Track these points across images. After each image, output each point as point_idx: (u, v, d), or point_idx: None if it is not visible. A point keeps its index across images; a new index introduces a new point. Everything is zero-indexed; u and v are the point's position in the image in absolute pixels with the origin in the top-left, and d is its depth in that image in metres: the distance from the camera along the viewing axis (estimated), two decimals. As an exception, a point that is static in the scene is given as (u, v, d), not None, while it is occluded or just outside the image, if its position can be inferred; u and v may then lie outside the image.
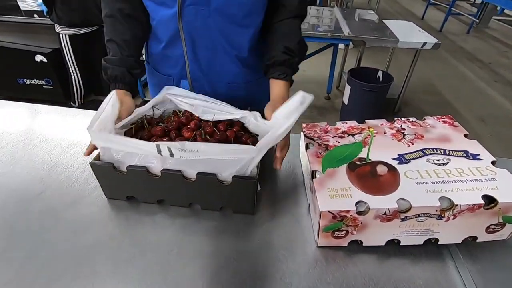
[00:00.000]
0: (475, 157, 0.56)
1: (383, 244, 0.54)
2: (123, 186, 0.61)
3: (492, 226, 0.51)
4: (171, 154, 0.52)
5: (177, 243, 0.56)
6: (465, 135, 0.62)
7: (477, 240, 0.53)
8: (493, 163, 0.55)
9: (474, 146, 0.59)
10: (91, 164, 0.58)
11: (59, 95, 2.49)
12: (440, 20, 4.92)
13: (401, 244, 0.54)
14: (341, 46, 2.57)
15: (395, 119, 0.69)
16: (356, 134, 0.65)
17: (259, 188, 0.65)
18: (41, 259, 0.53)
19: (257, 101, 0.73)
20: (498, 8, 4.86)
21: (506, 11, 4.62)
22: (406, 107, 2.66)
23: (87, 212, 0.61)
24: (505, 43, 4.42)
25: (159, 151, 0.52)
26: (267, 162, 0.60)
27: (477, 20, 4.75)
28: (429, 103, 2.77)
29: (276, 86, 0.69)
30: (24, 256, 0.53)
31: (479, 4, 5.12)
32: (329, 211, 0.49)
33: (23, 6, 2.26)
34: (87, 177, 0.69)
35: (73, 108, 0.96)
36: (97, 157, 0.59)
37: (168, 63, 0.78)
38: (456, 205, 0.47)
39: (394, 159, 0.57)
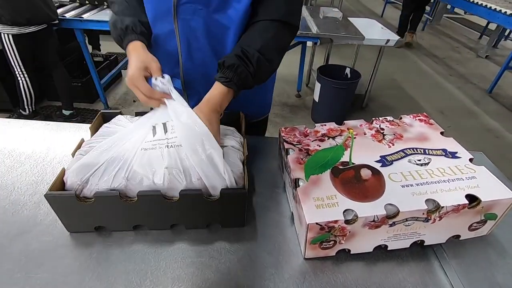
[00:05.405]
0: (453, 155, 0.56)
1: (371, 250, 0.52)
2: (90, 216, 0.52)
3: (475, 224, 0.51)
4: (165, 129, 0.56)
5: (152, 272, 0.49)
6: (441, 133, 0.62)
7: (460, 238, 0.54)
8: (471, 160, 0.55)
9: (451, 144, 0.59)
10: (46, 196, 0.48)
11: (5, 102, 2.23)
12: (397, 18, 5.16)
13: (388, 248, 0.53)
14: (309, 43, 2.58)
15: (373, 119, 0.68)
16: (336, 136, 0.62)
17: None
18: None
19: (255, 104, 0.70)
20: (449, 6, 5.23)
21: (456, 9, 4.98)
22: (373, 103, 2.75)
23: (39, 243, 0.52)
24: (456, 39, 4.76)
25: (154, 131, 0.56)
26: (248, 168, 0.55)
27: (431, 18, 5.07)
28: (393, 98, 2.89)
29: (213, 88, 0.60)
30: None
31: (431, 2, 5.46)
32: (316, 223, 0.45)
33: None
34: (39, 201, 0.59)
35: (18, 119, 0.81)
36: (54, 187, 0.49)
37: (161, 59, 0.65)
38: (442, 206, 0.47)
39: (376, 161, 0.55)
